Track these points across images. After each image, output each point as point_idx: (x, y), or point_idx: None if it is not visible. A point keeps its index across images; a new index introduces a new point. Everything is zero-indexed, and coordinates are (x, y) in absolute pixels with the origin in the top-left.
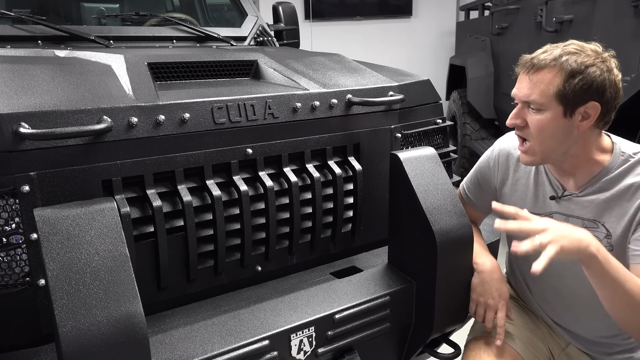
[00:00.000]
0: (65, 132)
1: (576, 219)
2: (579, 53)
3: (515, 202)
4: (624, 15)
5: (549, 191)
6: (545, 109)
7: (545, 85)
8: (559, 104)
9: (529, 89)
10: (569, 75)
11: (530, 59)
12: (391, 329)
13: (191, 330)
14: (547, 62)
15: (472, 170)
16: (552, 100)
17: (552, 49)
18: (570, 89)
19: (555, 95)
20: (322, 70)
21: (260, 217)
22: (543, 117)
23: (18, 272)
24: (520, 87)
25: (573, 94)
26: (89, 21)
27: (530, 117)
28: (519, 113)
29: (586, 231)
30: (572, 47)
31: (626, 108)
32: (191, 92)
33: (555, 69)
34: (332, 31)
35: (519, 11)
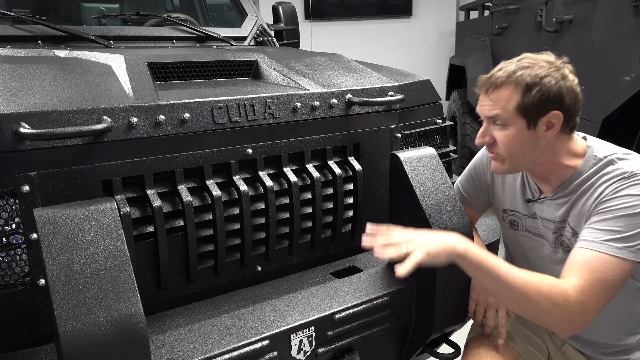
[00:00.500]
0: (65, 132)
1: (549, 222)
2: (532, 66)
3: (505, 201)
4: (624, 15)
5: (527, 194)
6: (509, 123)
7: (505, 102)
8: (521, 117)
9: (491, 107)
10: (525, 89)
11: (488, 79)
12: (391, 329)
13: (191, 330)
14: (504, 79)
15: (467, 168)
16: (514, 114)
17: (506, 66)
18: (529, 102)
19: (515, 109)
20: (322, 70)
21: (260, 217)
22: (508, 132)
23: (18, 272)
24: (483, 106)
25: (532, 106)
26: (89, 21)
27: (496, 133)
28: (486, 131)
29: (454, 235)
30: (525, 62)
31: (626, 108)
32: (191, 92)
33: (512, 85)
34: (332, 31)
35: (519, 11)
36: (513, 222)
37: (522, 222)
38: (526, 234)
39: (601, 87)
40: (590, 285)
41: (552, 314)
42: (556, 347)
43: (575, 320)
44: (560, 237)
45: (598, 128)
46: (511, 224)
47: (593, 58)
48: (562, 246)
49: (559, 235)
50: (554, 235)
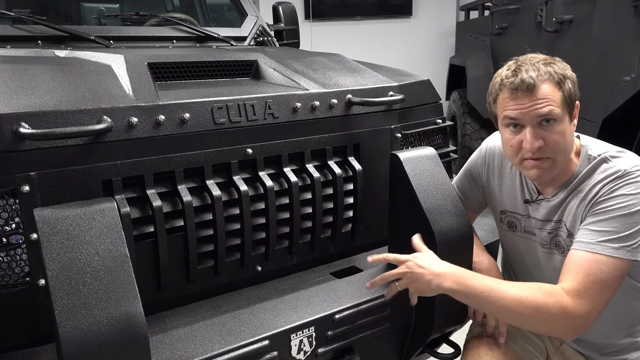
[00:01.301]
0: (65, 132)
1: (545, 222)
2: (551, 63)
3: (504, 202)
4: (624, 15)
5: (525, 194)
6: (559, 119)
7: (552, 97)
8: (566, 112)
9: (543, 105)
10: (561, 82)
11: (522, 81)
12: (391, 329)
13: (191, 330)
14: (542, 76)
15: (462, 169)
16: (563, 107)
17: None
18: (568, 94)
19: (562, 102)
20: (322, 70)
21: (260, 217)
22: (561, 128)
23: (18, 272)
24: (527, 108)
25: (570, 98)
26: (89, 21)
27: (548, 134)
28: (536, 134)
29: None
30: (540, 59)
31: (626, 108)
32: (191, 92)
33: (551, 80)
34: (332, 31)
35: (519, 11)
36: (511, 224)
37: (520, 223)
38: (524, 235)
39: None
40: (586, 287)
41: (553, 324)
42: (554, 347)
43: (576, 325)
44: (556, 237)
45: (598, 128)
46: (509, 225)
47: (593, 58)
48: (557, 247)
49: (555, 235)
50: (550, 235)
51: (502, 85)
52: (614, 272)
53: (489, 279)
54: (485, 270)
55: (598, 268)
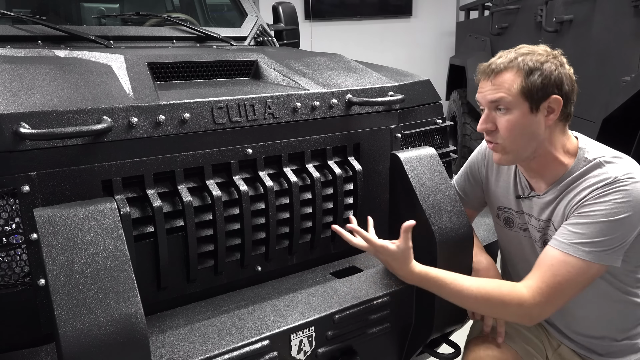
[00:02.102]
0: (65, 132)
1: (536, 220)
2: (531, 53)
3: (500, 198)
4: (624, 15)
5: (518, 189)
6: (513, 107)
7: (508, 85)
8: (524, 101)
9: (495, 91)
10: (527, 72)
11: (489, 65)
12: (391, 329)
13: (191, 330)
14: (505, 64)
15: (463, 167)
16: (518, 97)
17: (506, 54)
18: (531, 85)
19: (519, 92)
20: (322, 70)
21: (260, 217)
22: (512, 116)
23: (18, 272)
24: (484, 91)
25: (535, 89)
26: (89, 21)
27: (499, 119)
28: (488, 117)
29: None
30: (524, 49)
31: (626, 108)
32: (191, 92)
33: (515, 69)
34: (332, 31)
35: (519, 11)
36: (508, 220)
37: (516, 219)
38: (520, 232)
39: (601, 87)
40: (549, 287)
41: (507, 314)
42: (552, 348)
43: (531, 316)
44: (544, 236)
45: (598, 128)
46: (506, 221)
47: (593, 58)
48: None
49: (543, 234)
50: (539, 233)
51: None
52: (581, 274)
53: (449, 275)
54: (483, 270)
55: (566, 270)
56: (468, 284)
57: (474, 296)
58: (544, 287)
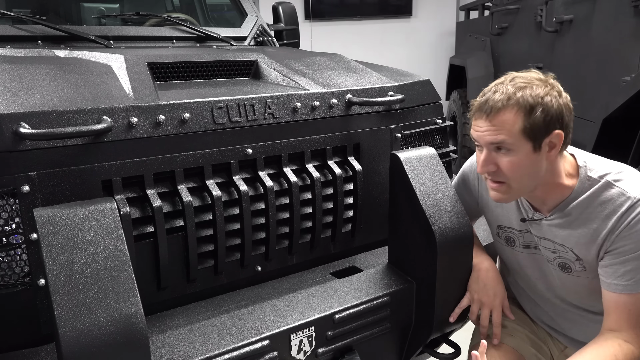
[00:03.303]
0: (65, 132)
1: (547, 241)
2: (529, 86)
3: (500, 218)
4: (624, 15)
5: (522, 212)
6: (515, 148)
7: (509, 126)
8: (527, 141)
9: (495, 133)
10: (529, 110)
11: (485, 102)
12: (391, 329)
13: (191, 330)
14: (505, 101)
15: (457, 176)
16: (520, 138)
17: (501, 87)
18: (534, 124)
19: (521, 133)
20: (322, 70)
21: (260, 217)
22: (515, 157)
23: (18, 272)
24: (482, 132)
25: (537, 127)
26: (89, 21)
27: (501, 160)
28: (488, 159)
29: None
30: (520, 82)
31: (626, 108)
32: (191, 92)
33: (515, 107)
34: (332, 31)
35: (519, 11)
36: (509, 239)
37: (518, 238)
38: (523, 250)
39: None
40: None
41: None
42: (559, 350)
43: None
44: (560, 258)
45: (598, 128)
46: (507, 240)
47: (593, 58)
48: (561, 267)
49: (558, 256)
50: (554, 254)
51: (473, 103)
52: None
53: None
54: (484, 270)
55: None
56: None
57: None
58: (638, 331)
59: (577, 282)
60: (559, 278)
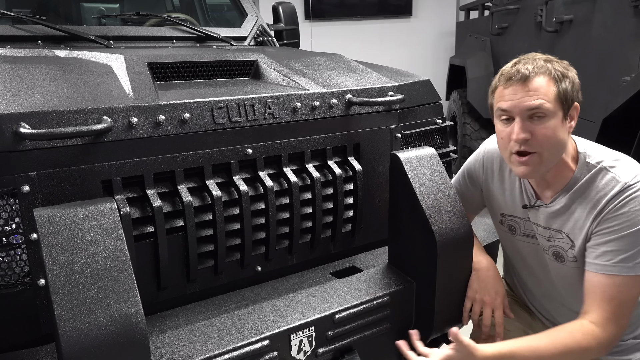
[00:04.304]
0: (65, 132)
1: (544, 229)
2: (552, 61)
3: (503, 205)
4: (624, 15)
5: (524, 199)
6: (551, 114)
7: (545, 90)
8: (560, 108)
9: (532, 98)
10: (560, 78)
11: (517, 71)
12: (391, 329)
13: (191, 330)
14: (538, 69)
15: (460, 170)
16: (555, 104)
17: (527, 60)
18: (564, 92)
19: (556, 98)
20: (322, 70)
21: (260, 217)
22: (551, 124)
23: (18, 272)
24: (517, 98)
25: (566, 96)
26: (89, 21)
27: (537, 128)
28: (524, 127)
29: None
30: (541, 57)
31: (626, 108)
32: (191, 92)
33: (547, 76)
34: (332, 31)
35: (519, 11)
36: (511, 227)
37: (520, 226)
38: (524, 239)
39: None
40: (613, 313)
41: (590, 355)
42: None
43: (609, 345)
44: (554, 246)
45: (598, 128)
46: (510, 228)
47: (593, 58)
48: (555, 256)
49: (552, 245)
50: (549, 243)
51: (501, 75)
52: (633, 289)
53: (522, 344)
54: (484, 270)
55: (618, 290)
56: (544, 345)
57: (556, 354)
58: (608, 315)
59: (570, 274)
60: (553, 269)
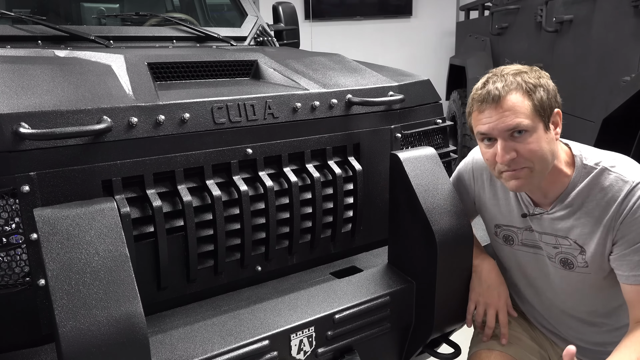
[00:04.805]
0: (65, 132)
1: (549, 236)
2: (520, 72)
3: (498, 216)
4: (624, 15)
5: (522, 208)
6: (531, 129)
7: (521, 107)
8: (539, 120)
9: (509, 118)
10: (533, 90)
11: (488, 93)
12: (391, 329)
13: (191, 330)
14: (509, 86)
15: (452, 176)
16: (534, 117)
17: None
18: (540, 102)
19: (532, 112)
20: (322, 70)
21: (260, 217)
22: (533, 138)
23: (18, 272)
24: (493, 121)
25: (542, 106)
26: (89, 21)
27: (520, 145)
28: (507, 147)
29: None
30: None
31: (626, 108)
32: (191, 92)
33: (520, 90)
34: (332, 31)
35: (519, 11)
36: (508, 237)
37: (517, 236)
38: (522, 248)
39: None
40: None
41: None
42: (557, 355)
43: None
44: (561, 253)
45: (598, 128)
46: (505, 239)
47: (593, 58)
48: (562, 263)
49: (560, 251)
50: (555, 250)
51: (473, 99)
52: None
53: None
54: (486, 272)
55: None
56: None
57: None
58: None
59: (578, 280)
60: (560, 277)
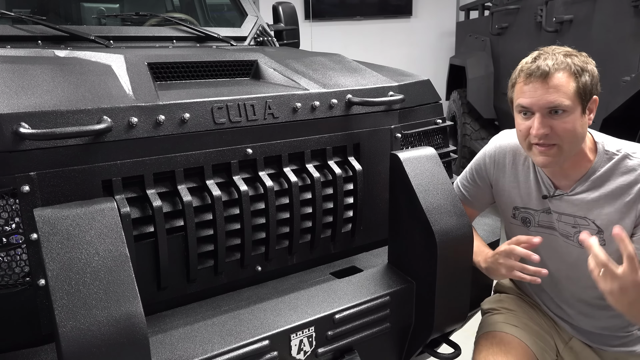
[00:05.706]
0: (65, 132)
1: (568, 216)
2: (572, 55)
3: (517, 198)
4: (624, 15)
5: (542, 190)
6: (570, 110)
7: (565, 87)
8: (579, 103)
9: (552, 95)
10: (580, 73)
11: (537, 67)
12: (391, 329)
13: (191, 330)
14: (558, 65)
15: (467, 168)
16: (575, 100)
17: (547, 55)
18: (583, 86)
19: (575, 93)
20: (322, 70)
21: (260, 217)
22: (570, 118)
23: (18, 272)
24: (537, 95)
25: (585, 90)
26: (89, 21)
27: (556, 123)
28: (543, 122)
29: None
30: (563, 51)
31: (626, 108)
32: (191, 92)
33: (567, 71)
34: (332, 31)
35: (519, 11)
36: (525, 220)
37: (534, 218)
38: (538, 229)
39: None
40: None
41: None
42: (564, 342)
43: None
44: (579, 232)
45: (598, 128)
46: (523, 221)
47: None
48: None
49: (578, 231)
50: (574, 229)
51: (521, 71)
52: None
53: None
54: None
55: None
56: None
57: None
58: None
59: None
60: (577, 255)
